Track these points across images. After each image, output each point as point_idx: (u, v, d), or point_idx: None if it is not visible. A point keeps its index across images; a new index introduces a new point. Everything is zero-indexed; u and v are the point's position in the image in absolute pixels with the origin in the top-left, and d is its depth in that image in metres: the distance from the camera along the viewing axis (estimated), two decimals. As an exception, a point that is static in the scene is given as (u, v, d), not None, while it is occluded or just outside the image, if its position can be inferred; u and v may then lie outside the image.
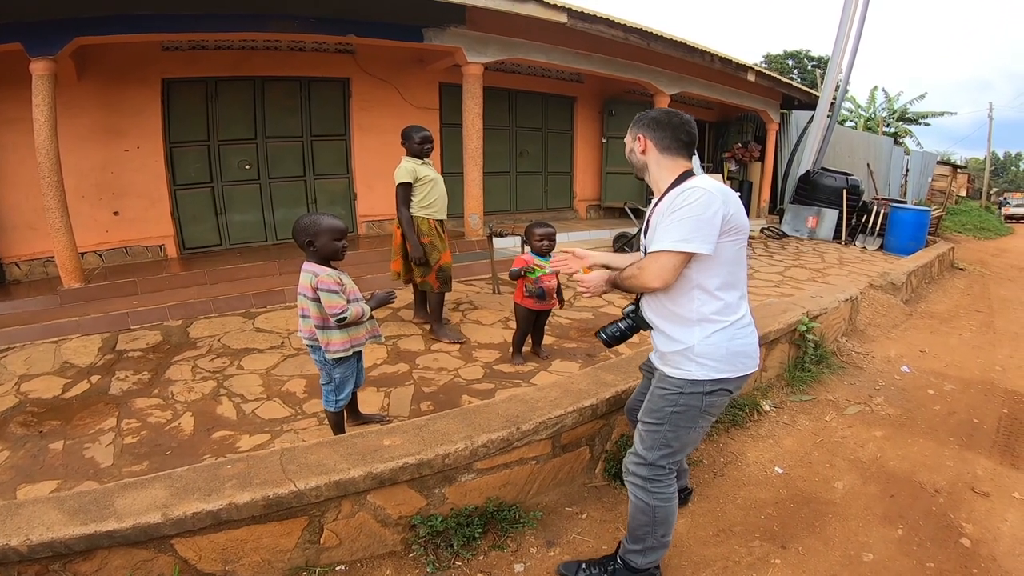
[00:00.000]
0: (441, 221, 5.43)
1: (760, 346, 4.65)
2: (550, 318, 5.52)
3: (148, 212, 7.87)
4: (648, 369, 2.92)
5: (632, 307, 2.72)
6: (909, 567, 2.89)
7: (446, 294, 5.59)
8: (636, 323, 2.68)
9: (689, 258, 2.29)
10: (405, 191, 5.14)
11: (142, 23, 6.33)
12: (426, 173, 5.21)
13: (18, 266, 7.26)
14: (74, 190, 6.60)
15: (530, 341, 5.18)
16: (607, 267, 2.83)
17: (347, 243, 3.34)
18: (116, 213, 7.67)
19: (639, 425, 2.64)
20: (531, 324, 5.00)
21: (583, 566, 2.77)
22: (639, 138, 2.54)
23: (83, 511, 2.31)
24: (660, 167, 2.51)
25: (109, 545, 2.27)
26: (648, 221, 2.55)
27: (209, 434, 3.84)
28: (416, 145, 5.23)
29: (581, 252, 2.97)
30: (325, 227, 3.21)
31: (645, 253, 2.57)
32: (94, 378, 4.77)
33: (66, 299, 6.17)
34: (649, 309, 2.58)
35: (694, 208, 2.23)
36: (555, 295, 4.86)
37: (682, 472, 3.24)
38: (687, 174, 2.44)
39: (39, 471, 3.46)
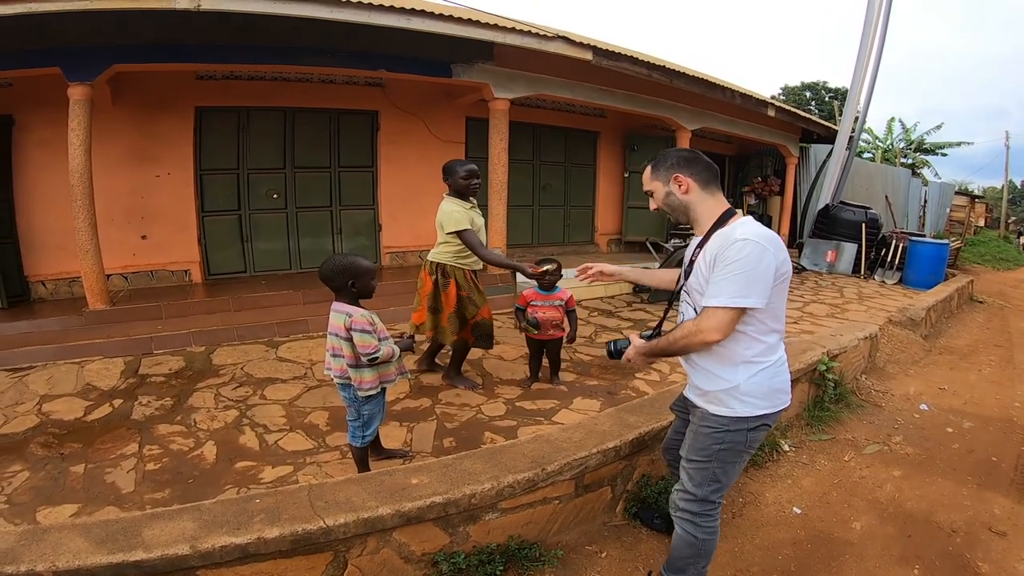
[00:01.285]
0: (476, 272, 5.04)
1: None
2: (572, 355, 5.59)
3: (175, 237, 7.96)
4: (681, 408, 2.95)
5: (650, 333, 2.79)
6: (925, 607, 2.86)
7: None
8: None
9: (744, 311, 2.30)
10: (471, 236, 4.68)
11: (179, 53, 6.46)
12: (476, 220, 4.80)
13: (44, 285, 7.34)
14: (104, 213, 6.68)
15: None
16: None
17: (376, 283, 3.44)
18: (144, 237, 7.76)
19: (685, 463, 2.66)
20: (538, 350, 5.31)
21: None
22: (677, 178, 2.47)
23: (110, 540, 2.31)
24: (704, 205, 2.48)
25: (135, 575, 2.26)
26: (692, 262, 2.53)
27: (232, 464, 3.85)
28: (462, 180, 4.75)
29: (610, 268, 3.25)
30: (366, 268, 3.33)
31: (679, 293, 2.74)
32: (116, 402, 4.80)
33: (90, 320, 6.23)
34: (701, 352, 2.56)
35: (747, 263, 2.22)
36: (558, 326, 5.08)
37: None
38: (730, 212, 2.44)
39: (59, 494, 3.48)
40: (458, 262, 4.84)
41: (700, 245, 2.48)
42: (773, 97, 13.21)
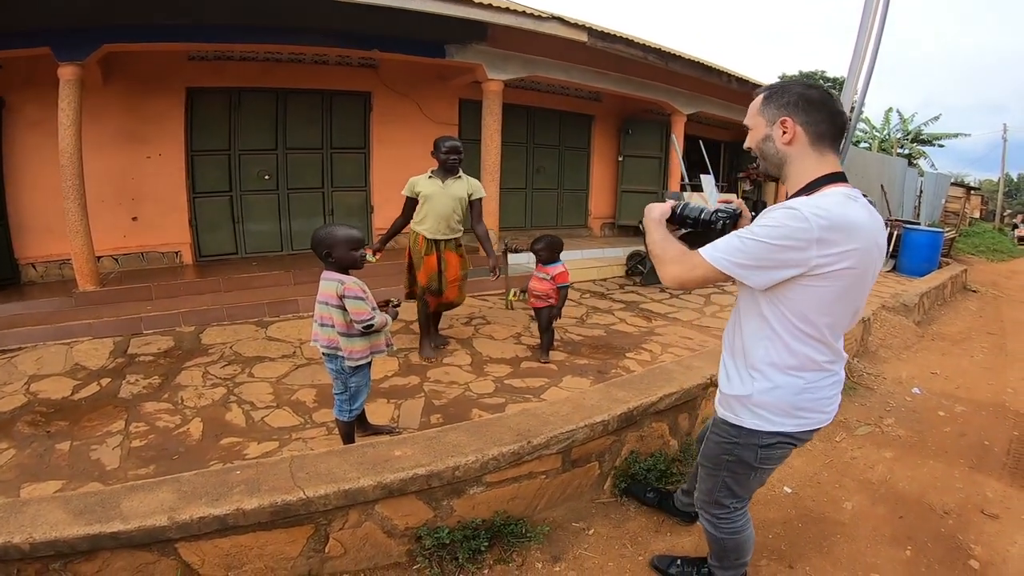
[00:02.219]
0: (439, 241, 5.19)
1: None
2: (563, 335, 5.62)
3: (166, 218, 7.92)
4: None
5: (728, 211, 2.30)
6: (917, 588, 2.86)
7: (428, 312, 5.39)
8: (713, 227, 2.26)
9: (722, 277, 1.93)
10: (405, 203, 5.22)
11: (170, 32, 6.42)
12: (424, 188, 5.08)
13: (34, 267, 7.31)
14: (94, 194, 6.64)
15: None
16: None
17: (364, 252, 3.35)
18: (135, 218, 7.72)
19: (699, 466, 2.52)
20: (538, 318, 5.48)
21: (677, 561, 2.84)
22: (784, 123, 1.96)
23: (88, 511, 2.31)
24: (804, 164, 1.98)
25: (112, 546, 2.27)
26: None
27: (217, 440, 3.83)
28: (442, 155, 5.07)
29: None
30: (341, 238, 3.23)
31: None
32: (104, 381, 4.78)
33: (80, 302, 6.21)
34: (724, 336, 2.35)
35: (773, 234, 1.82)
36: (541, 297, 5.29)
37: None
38: (833, 177, 1.96)
39: (44, 471, 3.46)
40: (413, 227, 5.23)
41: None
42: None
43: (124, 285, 6.67)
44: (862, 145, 33.21)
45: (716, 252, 1.91)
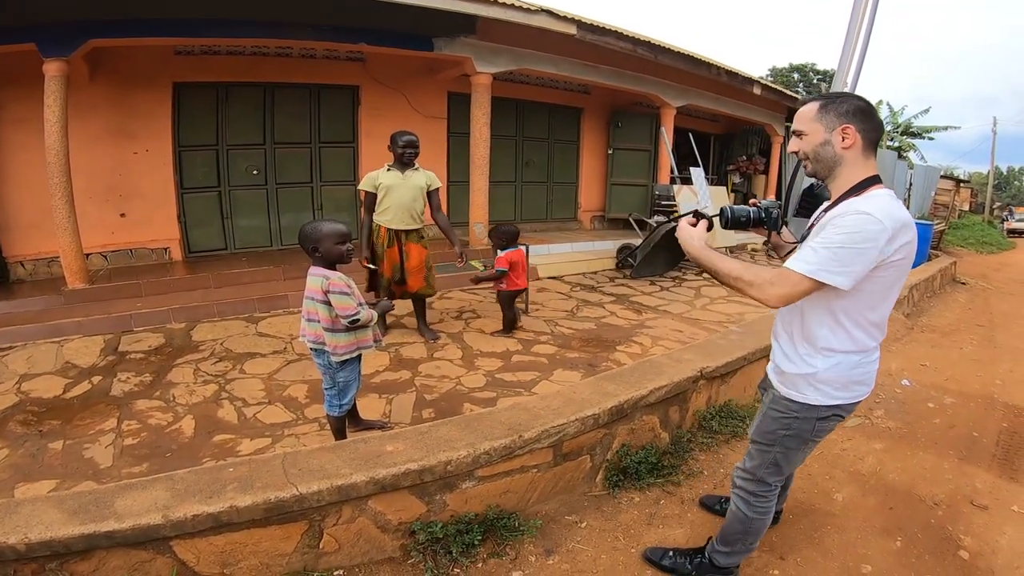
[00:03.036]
0: (400, 232, 5.34)
1: (762, 358, 4.68)
2: (553, 328, 5.68)
3: (154, 215, 7.90)
4: (765, 388, 2.77)
5: (771, 208, 2.58)
6: (907, 579, 2.89)
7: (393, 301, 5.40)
8: (767, 221, 2.57)
9: (820, 286, 2.07)
10: (365, 198, 5.31)
11: (156, 27, 6.39)
12: (384, 180, 5.22)
13: (23, 265, 7.28)
14: (82, 191, 6.62)
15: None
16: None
17: (352, 246, 3.35)
18: (123, 215, 7.70)
19: (750, 442, 2.62)
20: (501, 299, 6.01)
21: (669, 553, 2.88)
22: (846, 129, 2.16)
23: (83, 511, 2.30)
24: (855, 168, 2.20)
25: (108, 545, 2.27)
26: (812, 224, 2.35)
27: (210, 437, 3.83)
28: (399, 149, 5.21)
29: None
30: (327, 232, 3.23)
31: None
32: (95, 379, 4.77)
33: (70, 299, 6.19)
34: (780, 321, 2.49)
35: (856, 239, 1.99)
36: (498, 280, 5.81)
37: (781, 496, 3.22)
38: (875, 179, 2.19)
39: (38, 470, 3.45)
40: (376, 219, 5.32)
41: (825, 209, 2.28)
42: (761, 78, 13.18)
43: (113, 282, 6.65)
44: (853, 138, 33.23)
45: (810, 266, 2.04)
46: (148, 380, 4.73)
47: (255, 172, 8.59)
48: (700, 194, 9.81)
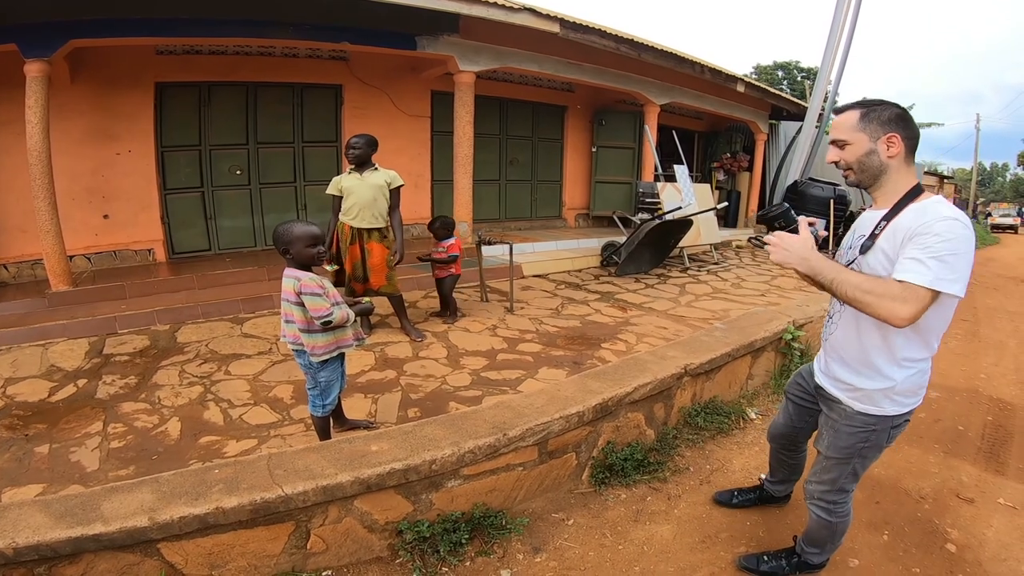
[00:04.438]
0: (363, 229, 5.43)
1: (747, 355, 4.72)
2: (538, 326, 5.70)
3: (138, 216, 7.87)
4: (801, 395, 2.89)
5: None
6: (895, 572, 2.92)
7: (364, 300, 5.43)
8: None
9: (937, 297, 2.03)
10: (333, 202, 5.51)
11: (137, 27, 6.35)
12: (344, 183, 5.40)
13: (6, 268, 7.23)
14: (65, 193, 6.60)
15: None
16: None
17: (323, 248, 3.35)
18: (106, 216, 7.66)
19: (823, 458, 2.61)
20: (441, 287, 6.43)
21: (764, 557, 2.93)
22: (892, 138, 2.18)
23: (70, 514, 2.31)
24: (899, 174, 2.23)
25: (95, 549, 2.27)
26: (873, 235, 2.25)
27: (196, 439, 3.82)
28: (345, 151, 5.45)
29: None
30: (298, 234, 3.22)
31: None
32: (81, 382, 4.75)
33: (54, 302, 6.16)
34: (849, 337, 2.44)
35: (959, 244, 1.99)
36: (444, 267, 6.25)
37: (793, 478, 3.36)
38: (920, 187, 2.23)
39: (24, 474, 3.44)
40: (341, 218, 5.47)
41: (886, 218, 2.22)
42: (745, 75, 13.25)
43: (98, 284, 6.62)
44: (835, 134, 33.50)
45: (931, 276, 1.97)
46: (133, 382, 4.72)
47: (238, 172, 8.57)
48: (684, 191, 9.86)
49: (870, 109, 2.22)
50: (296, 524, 2.59)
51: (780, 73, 44.30)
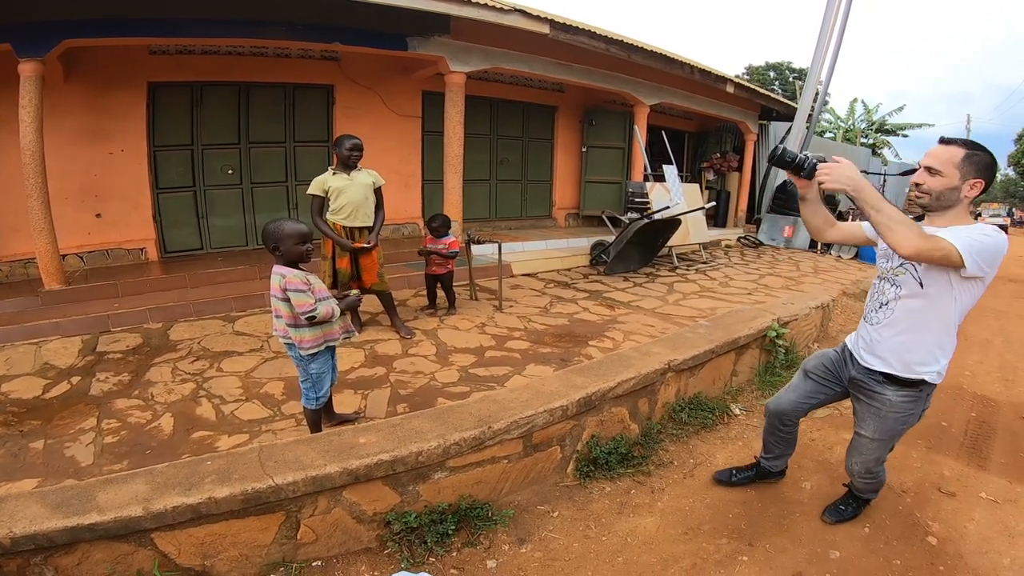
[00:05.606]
0: (355, 228, 5.53)
1: (731, 351, 4.79)
2: (527, 324, 5.79)
3: (130, 215, 7.90)
4: (825, 379, 3.20)
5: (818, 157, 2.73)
6: (875, 564, 2.98)
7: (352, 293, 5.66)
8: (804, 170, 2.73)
9: (955, 270, 2.43)
10: (314, 202, 5.47)
11: (131, 27, 6.38)
12: (333, 184, 5.41)
13: (-1, 267, 7.26)
14: (57, 192, 6.62)
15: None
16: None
17: (312, 246, 3.43)
18: (98, 215, 7.69)
19: (868, 441, 2.98)
20: (432, 283, 6.59)
21: (840, 506, 3.38)
22: (977, 184, 2.46)
23: (66, 504, 2.36)
24: (965, 211, 2.54)
25: (91, 538, 2.32)
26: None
27: (189, 434, 3.87)
28: (345, 152, 5.41)
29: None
30: (288, 232, 3.32)
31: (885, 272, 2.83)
32: (74, 379, 4.79)
33: (47, 301, 6.20)
34: (900, 335, 2.74)
35: (995, 245, 2.38)
36: (441, 264, 6.37)
37: (788, 453, 3.61)
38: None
39: (19, 469, 3.48)
40: (330, 217, 5.51)
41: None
42: (737, 76, 13.32)
43: (90, 283, 6.65)
44: (827, 136, 33.66)
45: (964, 247, 2.34)
46: (127, 379, 4.76)
47: (230, 171, 8.61)
48: (672, 191, 9.93)
49: (974, 152, 2.43)
50: (287, 514, 2.65)
51: (772, 74, 44.39)
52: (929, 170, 2.51)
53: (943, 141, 2.53)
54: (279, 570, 2.70)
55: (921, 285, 2.59)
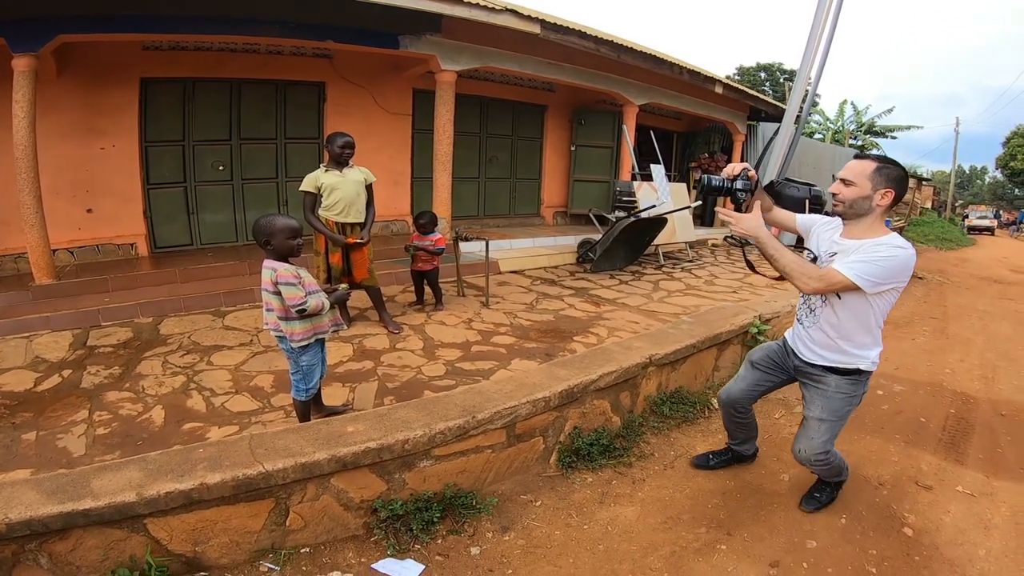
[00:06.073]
0: (347, 224, 5.60)
1: (712, 347, 4.89)
2: (512, 320, 5.86)
3: (121, 210, 7.92)
4: (770, 368, 3.45)
5: (743, 181, 3.01)
6: (852, 553, 3.06)
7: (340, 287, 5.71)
8: (733, 197, 3.02)
9: (851, 288, 2.71)
10: (306, 199, 5.49)
11: (125, 23, 6.41)
12: (326, 180, 5.47)
13: (-11, 261, 7.27)
14: (49, 187, 6.63)
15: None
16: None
17: (302, 241, 3.50)
18: (89, 211, 7.71)
19: (817, 422, 3.16)
20: (419, 279, 6.66)
21: (814, 493, 3.50)
22: (888, 193, 2.72)
23: (61, 491, 2.42)
24: (878, 220, 2.80)
25: (85, 524, 2.38)
26: (830, 240, 2.99)
27: (179, 426, 3.92)
28: (337, 149, 5.47)
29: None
30: (280, 227, 3.38)
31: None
32: (65, 372, 4.82)
33: (37, 295, 6.21)
34: (832, 330, 2.99)
35: (890, 264, 2.65)
36: (428, 260, 6.42)
37: (753, 437, 3.87)
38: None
39: (12, 460, 3.51)
40: (323, 213, 5.54)
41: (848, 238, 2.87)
42: (728, 77, 13.40)
43: (81, 278, 6.67)
44: (816, 137, 33.85)
45: (854, 274, 2.67)
46: (117, 373, 4.80)
47: (221, 168, 8.64)
48: (660, 190, 10.01)
49: (884, 165, 2.72)
50: (276, 501, 2.72)
51: (763, 75, 44.60)
52: (844, 181, 2.79)
53: (858, 157, 2.84)
54: (268, 556, 2.77)
55: (839, 296, 2.86)
